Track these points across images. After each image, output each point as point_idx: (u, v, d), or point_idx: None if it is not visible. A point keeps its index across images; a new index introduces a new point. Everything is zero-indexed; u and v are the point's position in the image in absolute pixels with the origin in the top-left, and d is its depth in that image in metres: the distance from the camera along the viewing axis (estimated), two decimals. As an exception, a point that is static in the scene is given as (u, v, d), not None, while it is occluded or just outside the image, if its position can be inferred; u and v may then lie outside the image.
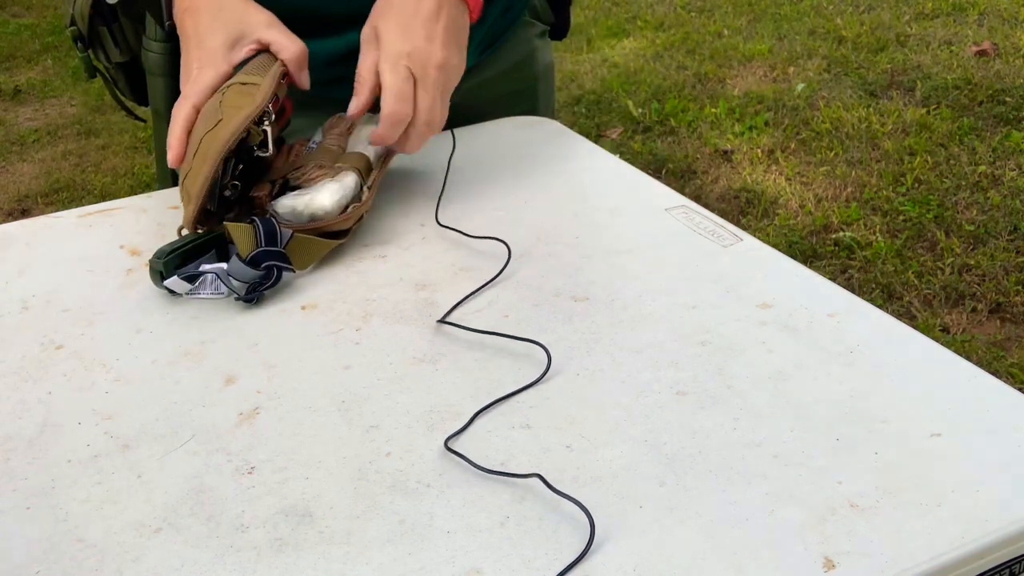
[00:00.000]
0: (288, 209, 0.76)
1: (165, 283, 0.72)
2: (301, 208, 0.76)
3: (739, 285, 0.70)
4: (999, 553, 0.49)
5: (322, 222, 0.76)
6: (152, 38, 0.96)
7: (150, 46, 0.97)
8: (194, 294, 0.73)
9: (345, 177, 0.78)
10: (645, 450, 0.55)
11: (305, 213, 0.76)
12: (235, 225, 0.73)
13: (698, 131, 3.13)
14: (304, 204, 0.76)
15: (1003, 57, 3.45)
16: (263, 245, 0.72)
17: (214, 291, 0.73)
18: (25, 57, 4.51)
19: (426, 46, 0.77)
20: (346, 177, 0.78)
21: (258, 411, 0.61)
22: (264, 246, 0.72)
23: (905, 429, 0.55)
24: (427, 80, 0.78)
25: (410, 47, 0.77)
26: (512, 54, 1.01)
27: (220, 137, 0.72)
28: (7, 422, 0.61)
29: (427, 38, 0.78)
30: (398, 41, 0.77)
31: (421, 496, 0.53)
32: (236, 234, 0.73)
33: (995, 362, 2.01)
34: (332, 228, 0.77)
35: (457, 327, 0.67)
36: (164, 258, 0.72)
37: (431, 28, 0.78)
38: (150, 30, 0.96)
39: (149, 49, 0.97)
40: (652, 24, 4.17)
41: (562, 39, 1.10)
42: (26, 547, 0.51)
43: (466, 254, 0.77)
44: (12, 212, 3.03)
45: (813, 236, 2.49)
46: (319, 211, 0.76)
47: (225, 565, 0.49)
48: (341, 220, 0.77)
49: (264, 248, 0.72)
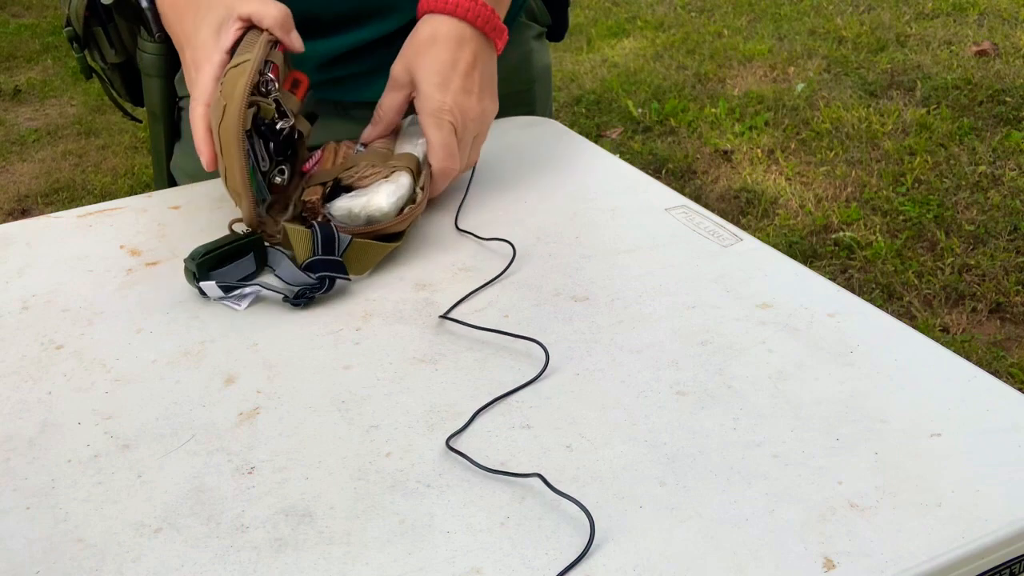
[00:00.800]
0: (344, 211, 0.75)
1: (199, 284, 0.71)
2: (358, 210, 0.74)
3: (739, 285, 0.70)
4: (999, 553, 0.49)
5: (379, 224, 0.74)
6: (147, 39, 0.96)
7: (145, 47, 0.97)
8: (226, 302, 0.72)
9: (400, 177, 0.77)
10: (645, 450, 0.55)
11: (362, 215, 0.74)
12: (293, 229, 0.72)
13: (698, 131, 3.13)
14: (361, 206, 0.74)
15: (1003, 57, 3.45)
16: (320, 252, 0.71)
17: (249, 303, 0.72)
18: (25, 57, 4.51)
19: (464, 99, 0.80)
20: (401, 177, 0.77)
21: (258, 411, 0.61)
22: (321, 253, 0.71)
23: (905, 429, 0.55)
24: (467, 133, 0.80)
25: (451, 102, 0.79)
26: (508, 56, 1.01)
27: (229, 121, 0.71)
28: (7, 422, 0.61)
29: (465, 90, 0.80)
30: (438, 95, 0.79)
31: (421, 496, 0.53)
32: (294, 238, 0.72)
33: (995, 362, 2.01)
34: (388, 231, 0.75)
35: (458, 323, 0.67)
36: (199, 259, 0.71)
37: (468, 81, 0.80)
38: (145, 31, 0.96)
39: (144, 50, 0.97)
40: (652, 24, 4.17)
41: (560, 40, 1.10)
42: (26, 547, 0.51)
43: (466, 254, 0.77)
44: (12, 212, 3.03)
45: (813, 236, 2.49)
46: (376, 212, 0.74)
47: (225, 565, 0.49)
48: (397, 222, 0.75)
49: (320, 256, 0.71)
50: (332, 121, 0.98)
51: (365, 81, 0.95)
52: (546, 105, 1.08)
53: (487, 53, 0.82)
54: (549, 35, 1.08)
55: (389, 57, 0.91)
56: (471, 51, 0.81)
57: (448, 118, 0.79)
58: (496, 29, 0.82)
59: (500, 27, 0.83)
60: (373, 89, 0.95)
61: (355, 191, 0.77)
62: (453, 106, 0.79)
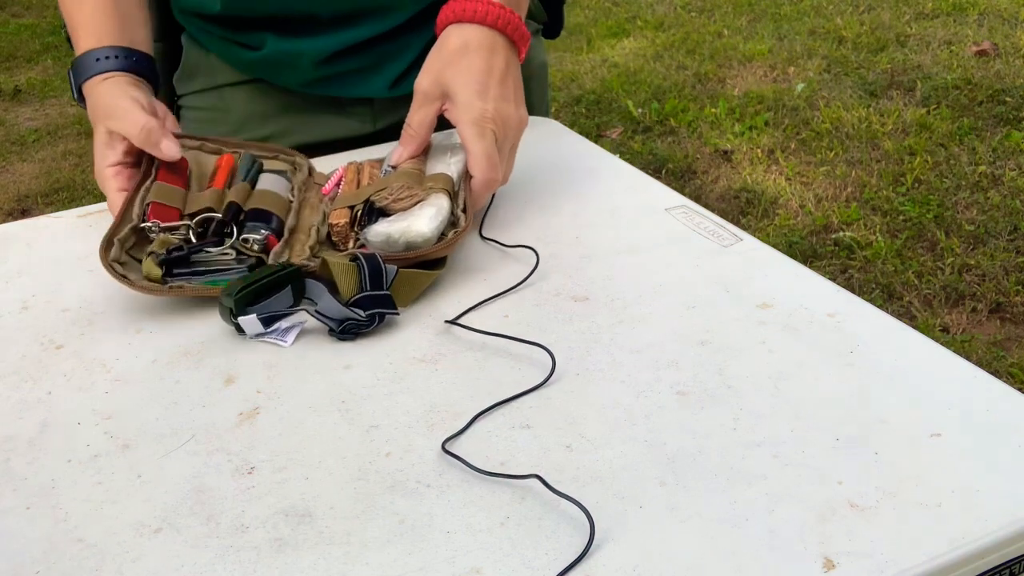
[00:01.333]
0: (382, 237, 0.70)
1: (237, 320, 0.67)
2: (397, 235, 0.70)
3: (739, 285, 0.70)
4: (999, 553, 0.49)
5: (419, 250, 0.70)
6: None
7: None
8: (268, 339, 0.68)
9: (439, 200, 0.73)
10: (645, 450, 0.55)
11: (401, 241, 0.70)
12: (338, 263, 0.68)
13: (698, 131, 3.13)
14: (400, 231, 0.70)
15: (1003, 57, 3.45)
16: (368, 287, 0.67)
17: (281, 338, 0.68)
18: (25, 57, 4.51)
19: (504, 107, 0.78)
20: (440, 200, 0.73)
21: (258, 411, 0.60)
22: (369, 287, 0.67)
23: (905, 429, 0.55)
24: (507, 142, 0.78)
25: (492, 109, 0.77)
26: None
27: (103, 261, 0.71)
28: (7, 422, 0.61)
29: (503, 97, 0.78)
30: (479, 103, 0.77)
31: (421, 496, 0.53)
32: (339, 272, 0.68)
33: (995, 362, 2.01)
34: (431, 256, 0.71)
35: (465, 328, 0.67)
36: (235, 295, 0.66)
37: (505, 88, 0.78)
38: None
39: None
40: (652, 24, 4.17)
41: (555, 38, 1.09)
42: (26, 547, 0.51)
43: (466, 254, 0.77)
44: (12, 212, 3.03)
45: (813, 236, 2.49)
46: (418, 238, 0.70)
47: (225, 565, 0.49)
48: (440, 248, 0.71)
49: (369, 292, 0.67)
50: (329, 118, 0.98)
51: (362, 78, 0.95)
52: (542, 102, 1.07)
53: (515, 60, 0.81)
54: (545, 32, 1.08)
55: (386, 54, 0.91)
56: (503, 58, 0.79)
57: (491, 126, 0.76)
58: (523, 36, 0.81)
59: (525, 33, 0.81)
60: (370, 86, 0.95)
61: (393, 216, 0.72)
62: (495, 114, 0.77)
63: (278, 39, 0.91)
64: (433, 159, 0.80)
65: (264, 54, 0.92)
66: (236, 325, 0.67)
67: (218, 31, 0.93)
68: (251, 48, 0.92)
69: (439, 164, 0.79)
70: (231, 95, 0.97)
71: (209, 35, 0.95)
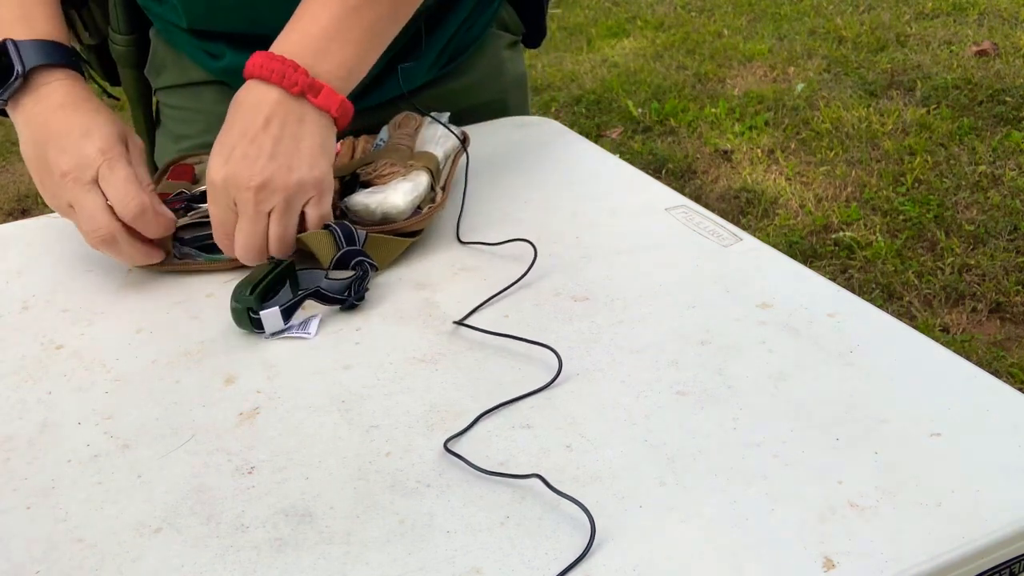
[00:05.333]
0: (361, 206, 0.76)
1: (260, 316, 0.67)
2: (374, 207, 0.75)
3: (739, 285, 0.70)
4: (999, 553, 0.49)
5: (393, 222, 0.76)
6: (116, 31, 0.97)
7: (115, 39, 0.98)
8: (290, 334, 0.68)
9: (418, 176, 0.78)
10: (645, 450, 0.55)
11: (378, 212, 0.75)
12: (312, 234, 0.73)
13: (698, 131, 3.13)
14: (377, 203, 0.75)
15: (1003, 57, 3.45)
16: (344, 247, 0.72)
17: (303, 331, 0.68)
18: (25, 57, 4.50)
19: (247, 168, 0.70)
20: (419, 176, 0.78)
21: (258, 411, 0.61)
22: (345, 248, 0.72)
23: (905, 429, 0.55)
24: (260, 205, 0.71)
25: (227, 173, 0.71)
26: (479, 66, 1.01)
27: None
28: (7, 422, 0.61)
29: (251, 157, 0.71)
30: (217, 166, 0.71)
31: (421, 496, 0.53)
32: (314, 243, 0.72)
33: (995, 362, 2.01)
34: (404, 229, 0.76)
35: (471, 328, 0.67)
36: (250, 294, 0.67)
37: (257, 147, 0.71)
38: (114, 22, 0.97)
39: (115, 42, 0.98)
40: (652, 24, 4.17)
41: (536, 47, 1.09)
42: (26, 547, 0.51)
43: (466, 254, 0.77)
44: (12, 212, 3.03)
45: (813, 236, 2.49)
46: (392, 210, 0.75)
47: (225, 565, 0.49)
48: (415, 221, 0.76)
49: (347, 249, 0.72)
50: None
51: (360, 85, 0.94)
52: (522, 114, 1.07)
53: (298, 114, 0.72)
54: (525, 42, 1.07)
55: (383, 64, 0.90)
56: (266, 115, 0.72)
57: (223, 191, 0.71)
58: (311, 87, 0.72)
59: (314, 83, 0.73)
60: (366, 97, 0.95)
61: (372, 187, 0.77)
62: (229, 178, 0.71)
63: (235, 53, 0.91)
64: (424, 138, 0.84)
65: (223, 64, 0.92)
66: (253, 325, 0.67)
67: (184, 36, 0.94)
68: (213, 56, 0.93)
69: (429, 143, 0.83)
70: (203, 94, 0.98)
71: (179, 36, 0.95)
